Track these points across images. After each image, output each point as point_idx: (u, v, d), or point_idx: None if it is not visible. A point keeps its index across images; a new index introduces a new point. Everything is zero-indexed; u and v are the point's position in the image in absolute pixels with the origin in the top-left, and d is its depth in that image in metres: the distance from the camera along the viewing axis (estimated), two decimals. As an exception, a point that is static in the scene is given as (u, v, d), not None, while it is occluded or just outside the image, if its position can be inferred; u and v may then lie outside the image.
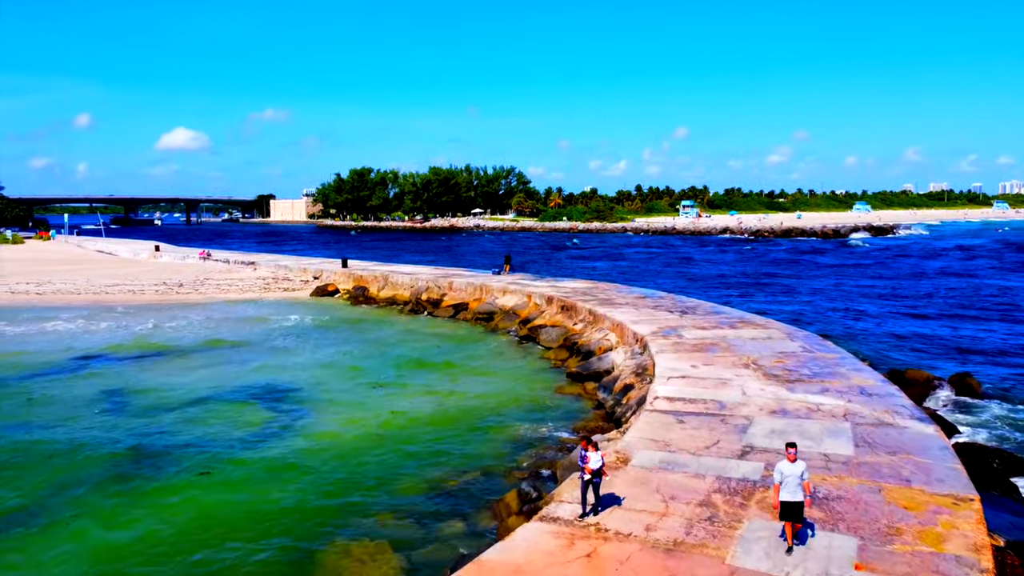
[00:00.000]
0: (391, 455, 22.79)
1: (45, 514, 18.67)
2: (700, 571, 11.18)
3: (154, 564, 16.21)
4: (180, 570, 15.94)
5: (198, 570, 15.92)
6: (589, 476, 12.96)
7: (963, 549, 11.72)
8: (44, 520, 18.32)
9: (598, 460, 12.91)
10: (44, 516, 18.56)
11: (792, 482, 11.59)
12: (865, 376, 23.34)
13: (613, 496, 13.86)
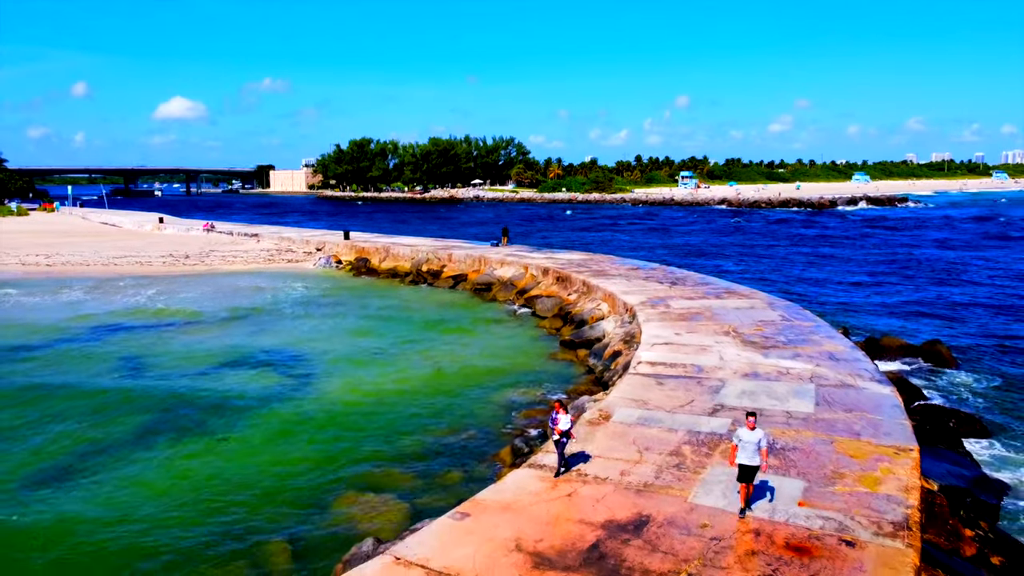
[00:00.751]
0: (395, 416, 24.55)
1: (77, 471, 20.48)
2: (664, 507, 12.97)
3: (180, 512, 17.99)
4: (206, 516, 17.74)
5: (222, 516, 17.71)
6: (558, 436, 14.31)
7: (895, 490, 13.49)
8: (77, 476, 20.12)
9: (567, 422, 14.28)
10: (77, 473, 20.36)
11: (750, 448, 12.45)
12: (836, 343, 25.04)
13: (583, 454, 15.40)
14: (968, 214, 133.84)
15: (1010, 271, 59.66)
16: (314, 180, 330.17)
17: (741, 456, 12.47)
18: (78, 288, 51.02)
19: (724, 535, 11.92)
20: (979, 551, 13.53)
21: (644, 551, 11.48)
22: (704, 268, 58.14)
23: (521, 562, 11.27)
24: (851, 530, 12.03)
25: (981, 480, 17.11)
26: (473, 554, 11.52)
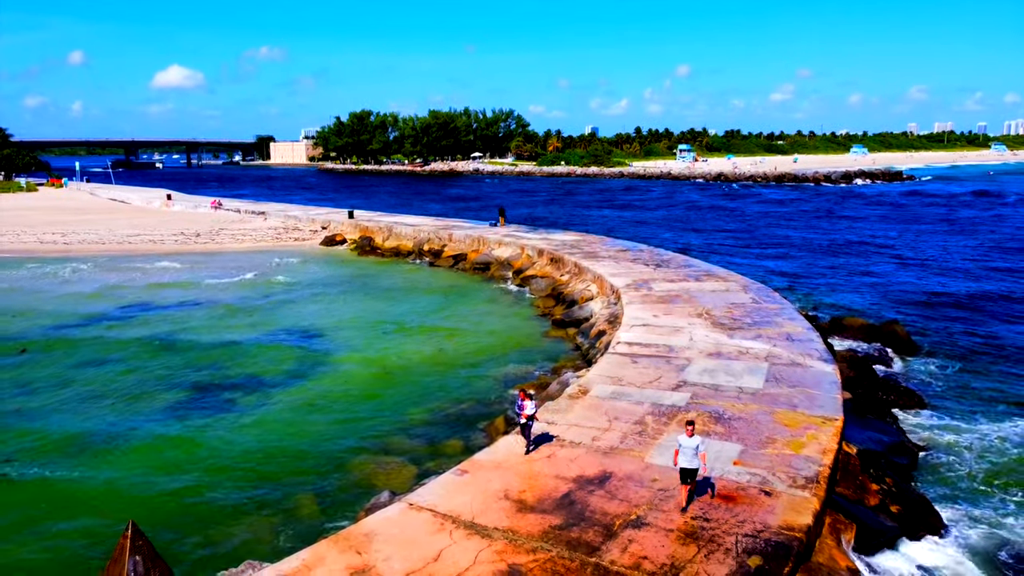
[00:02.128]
0: (402, 390, 27.62)
1: (124, 437, 23.55)
2: (625, 466, 16.04)
3: (221, 471, 21.05)
4: (242, 474, 20.80)
5: (257, 474, 20.77)
6: (524, 420, 16.62)
7: (814, 452, 16.56)
8: (120, 442, 23.19)
9: (532, 407, 16.54)
10: (124, 439, 23.44)
11: (689, 452, 13.69)
12: (795, 324, 28.04)
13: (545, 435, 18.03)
14: (954, 190, 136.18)
15: (970, 253, 62.56)
16: (315, 152, 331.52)
17: (682, 460, 13.79)
18: (97, 267, 53.95)
19: (669, 487, 14.98)
20: (881, 501, 16.61)
21: (605, 499, 14.57)
22: (692, 246, 61.17)
23: (508, 507, 14.35)
24: (771, 483, 15.11)
25: (898, 445, 20.17)
26: (470, 501, 14.61)
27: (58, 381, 28.58)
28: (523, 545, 12.90)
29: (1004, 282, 48.04)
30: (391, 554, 12.62)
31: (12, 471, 20.77)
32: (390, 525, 13.75)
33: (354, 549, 12.85)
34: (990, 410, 25.09)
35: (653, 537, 13.10)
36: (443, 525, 13.66)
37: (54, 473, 20.76)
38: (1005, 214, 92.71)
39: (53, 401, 26.50)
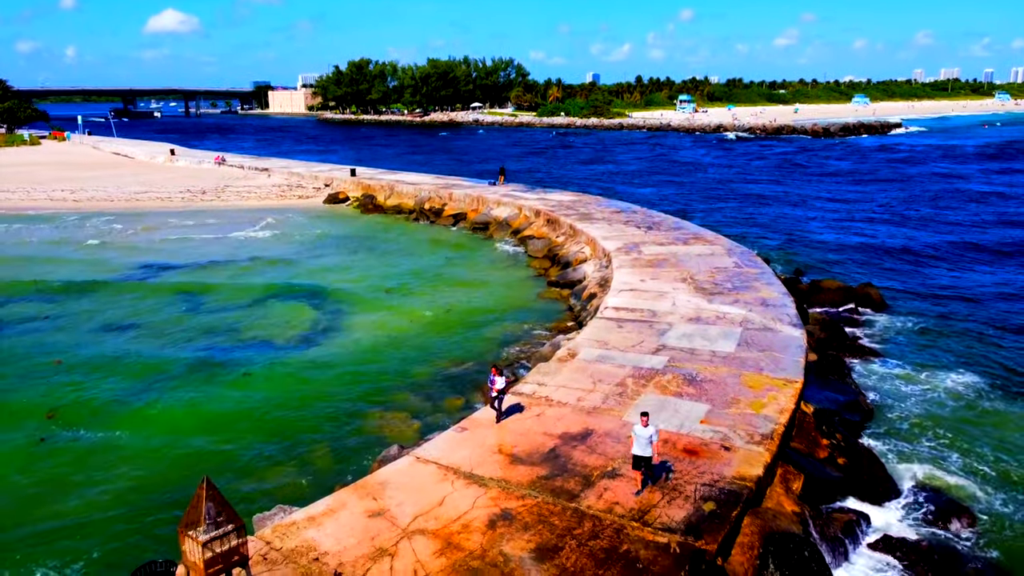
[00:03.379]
0: (406, 349, 29.80)
1: (152, 394, 25.82)
2: (605, 424, 18.27)
3: (242, 425, 23.31)
4: (262, 428, 23.05)
5: (275, 427, 23.03)
6: (496, 394, 18.37)
7: (772, 412, 18.78)
8: (152, 398, 25.47)
9: (502, 383, 18.29)
10: (152, 395, 25.71)
11: (643, 441, 14.65)
12: (772, 289, 30.10)
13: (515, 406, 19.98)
14: (951, 142, 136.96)
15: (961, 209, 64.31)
16: (313, 101, 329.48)
17: (636, 448, 14.79)
18: (110, 224, 55.82)
19: (643, 442, 17.22)
20: (830, 455, 18.88)
21: (586, 453, 16.83)
22: (684, 205, 62.97)
23: (501, 460, 16.62)
24: (731, 439, 17.35)
25: (853, 403, 22.39)
26: (469, 455, 16.87)
27: (88, 340, 30.79)
28: (514, 492, 15.18)
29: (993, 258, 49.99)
30: (402, 500, 14.91)
31: (56, 430, 23.06)
32: (400, 475, 16.04)
33: (371, 495, 15.13)
34: (950, 368, 27.25)
35: (625, 486, 15.36)
36: (446, 475, 15.94)
37: (95, 431, 23.04)
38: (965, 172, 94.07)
39: (85, 359, 28.73)
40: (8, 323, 33.18)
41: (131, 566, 15.94)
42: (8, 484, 19.82)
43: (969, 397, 24.77)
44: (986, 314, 34.05)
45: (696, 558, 13.08)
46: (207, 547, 9.40)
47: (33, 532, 17.49)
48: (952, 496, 18.58)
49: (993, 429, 22.48)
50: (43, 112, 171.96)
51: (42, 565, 16.12)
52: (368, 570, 12.64)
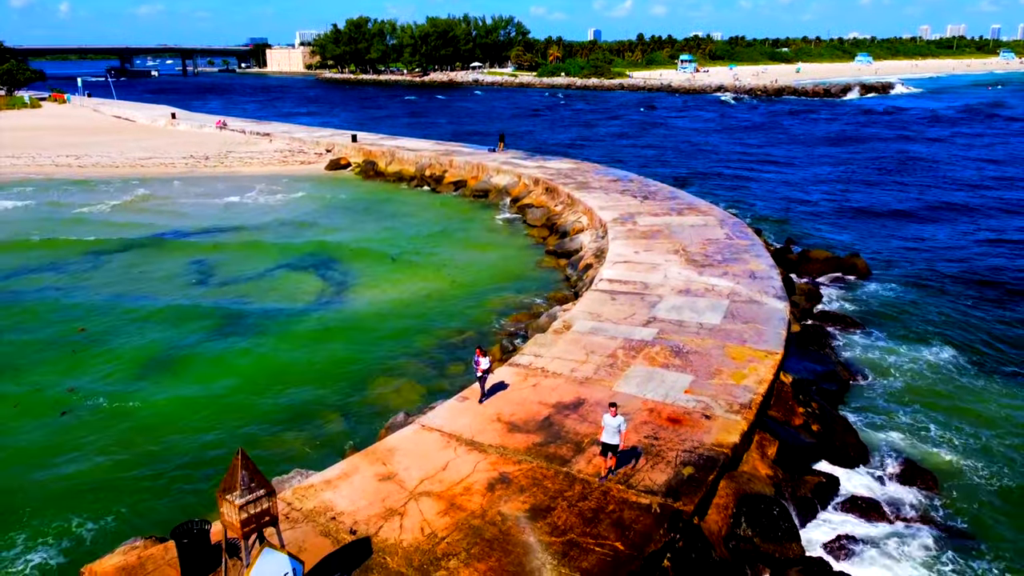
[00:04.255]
0: (410, 318, 31.17)
1: (172, 361, 27.25)
2: (596, 393, 19.69)
3: (257, 390, 24.76)
4: (276, 393, 24.51)
5: (288, 393, 24.48)
6: (481, 374, 19.44)
7: (752, 382, 20.19)
8: (172, 364, 26.91)
9: (486, 363, 19.36)
10: (172, 362, 27.14)
11: (611, 429, 15.28)
12: (760, 262, 31.35)
13: (500, 384, 21.47)
14: (948, 104, 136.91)
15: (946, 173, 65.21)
16: (312, 60, 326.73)
17: (604, 435, 15.42)
18: (116, 190, 56.83)
19: (630, 412, 18.65)
20: (805, 422, 20.34)
21: (578, 421, 18.27)
22: (681, 173, 63.90)
23: (500, 428, 18.06)
24: (712, 409, 18.79)
25: (830, 373, 23.80)
26: (470, 423, 18.31)
27: (105, 308, 32.15)
28: (511, 458, 16.65)
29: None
30: (409, 464, 16.38)
31: (86, 392, 24.50)
32: (407, 442, 17.50)
33: (380, 461, 16.60)
34: (928, 339, 28.63)
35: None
36: (449, 442, 17.40)
37: (121, 396, 24.49)
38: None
39: (107, 326, 30.12)
40: (28, 289, 34.48)
41: (154, 520, 17.53)
42: (34, 442, 21.32)
43: (945, 369, 26.16)
44: (969, 285, 35.30)
45: (674, 518, 14.57)
46: (243, 509, 10.82)
47: (62, 489, 18.94)
48: (918, 461, 20.05)
49: (965, 400, 23.91)
50: (40, 71, 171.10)
51: (72, 520, 17.57)
52: (380, 528, 14.12)
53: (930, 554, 16.34)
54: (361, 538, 13.77)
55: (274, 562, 11.14)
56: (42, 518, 17.74)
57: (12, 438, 21.74)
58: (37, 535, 17.12)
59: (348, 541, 13.71)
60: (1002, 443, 21.15)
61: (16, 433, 22.05)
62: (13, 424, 22.55)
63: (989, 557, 16.43)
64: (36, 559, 16.28)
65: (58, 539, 16.99)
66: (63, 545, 16.79)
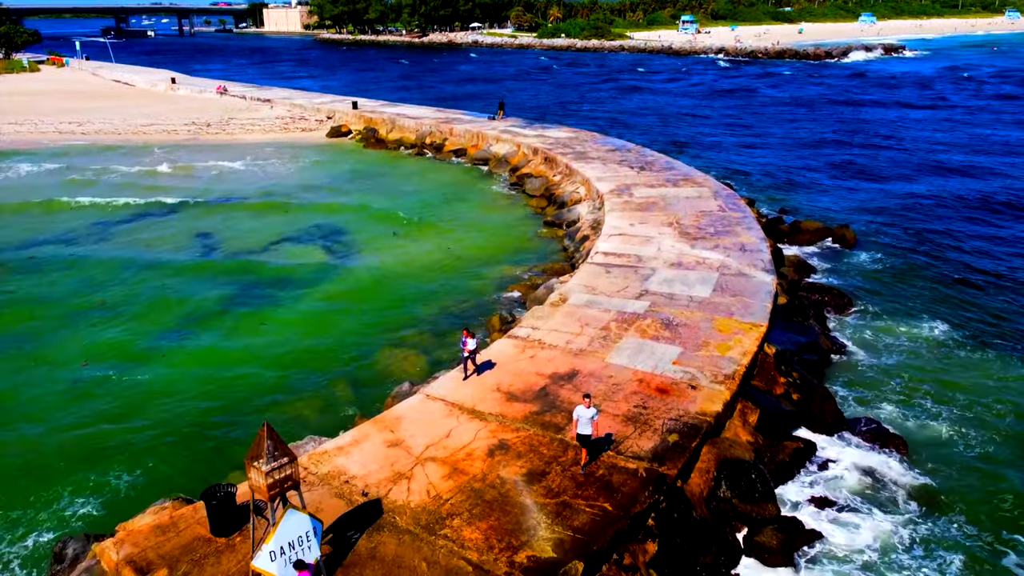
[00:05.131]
0: (412, 290, 32.34)
1: (187, 331, 28.50)
2: (589, 365, 20.95)
3: (269, 359, 26.02)
4: (286, 363, 25.77)
5: (298, 362, 25.75)
6: (467, 354, 20.31)
7: (736, 354, 21.43)
8: (187, 335, 28.16)
9: (473, 344, 20.23)
10: (187, 333, 28.39)
11: (584, 421, 15.64)
12: (751, 234, 32.42)
13: (489, 363, 22.83)
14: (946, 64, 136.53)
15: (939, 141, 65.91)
16: (310, 20, 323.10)
17: (579, 427, 15.81)
18: (121, 159, 57.65)
19: (621, 382, 19.94)
20: (785, 391, 21.62)
21: (571, 391, 19.55)
22: (678, 141, 64.61)
23: (499, 397, 19.35)
24: (698, 379, 20.06)
25: (813, 344, 25.04)
26: (471, 393, 19.60)
27: (117, 279, 33.34)
28: (510, 426, 17.96)
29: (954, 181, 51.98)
30: (415, 432, 17.69)
31: (100, 364, 25.79)
32: (412, 411, 18.80)
33: (388, 428, 17.92)
34: (912, 311, 29.85)
35: (604, 420, 18.09)
36: (452, 411, 18.71)
37: (134, 369, 25.78)
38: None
39: (120, 298, 31.33)
40: (45, 260, 35.63)
41: (173, 483, 18.88)
42: (56, 409, 22.66)
43: (926, 340, 27.37)
44: (956, 258, 36.39)
45: (659, 481, 15.91)
46: (268, 475, 12.08)
47: (84, 453, 20.30)
48: (891, 427, 21.38)
49: (943, 370, 25.16)
50: (36, 31, 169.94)
51: (93, 482, 18.96)
52: (390, 491, 15.47)
53: (896, 513, 17.72)
54: (372, 500, 15.12)
55: (297, 521, 12.45)
56: (80, 474, 19.15)
57: (39, 398, 23.10)
58: (78, 489, 18.55)
59: (361, 502, 15.05)
60: (974, 409, 22.48)
61: (40, 393, 23.40)
62: (31, 383, 23.89)
63: (952, 514, 17.81)
64: (81, 511, 17.75)
65: (96, 494, 18.41)
66: (100, 499, 18.22)
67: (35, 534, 17.10)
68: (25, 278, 33.63)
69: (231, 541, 14.03)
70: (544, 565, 13.47)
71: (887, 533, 17.06)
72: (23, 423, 22.02)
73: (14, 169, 54.98)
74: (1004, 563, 16.29)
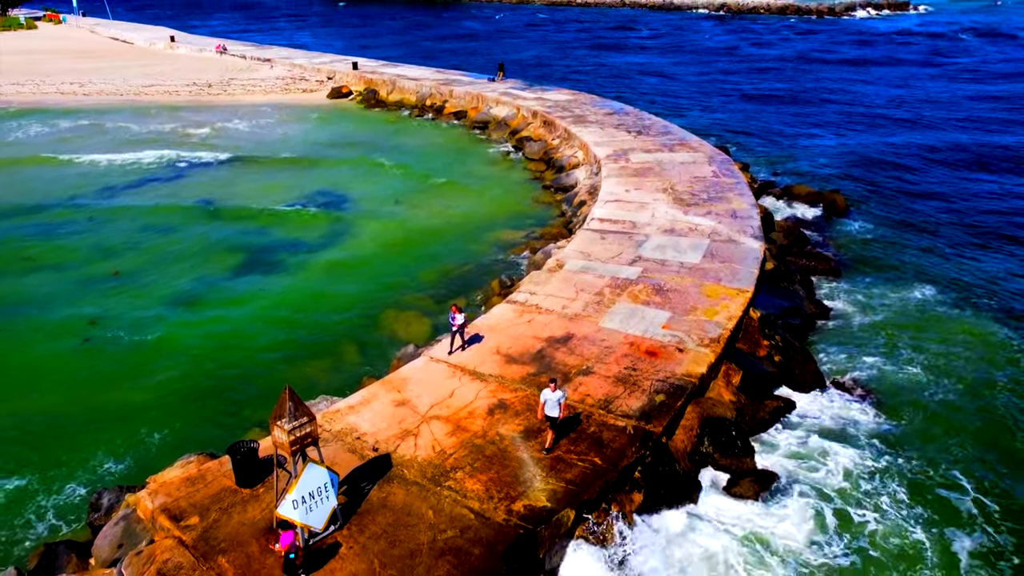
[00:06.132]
0: (414, 253, 33.50)
1: (198, 296, 29.75)
2: (583, 329, 22.24)
3: (278, 322, 27.31)
4: (295, 324, 27.05)
5: (306, 325, 27.04)
6: (456, 329, 21.27)
7: (722, 319, 22.70)
8: (199, 299, 29.42)
9: (461, 319, 21.13)
10: (198, 297, 29.64)
11: (551, 404, 16.23)
12: (743, 201, 33.47)
13: (477, 336, 24.41)
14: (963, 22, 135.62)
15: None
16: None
17: (546, 409, 16.42)
18: (126, 121, 58.34)
19: (613, 345, 21.24)
20: (768, 353, 22.94)
21: (566, 353, 20.87)
22: (677, 103, 65.14)
23: (499, 359, 20.67)
24: (685, 342, 21.36)
25: (797, 308, 26.30)
26: (472, 355, 20.92)
27: (131, 244, 34.51)
28: (508, 386, 19.31)
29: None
30: (421, 392, 19.05)
31: (111, 325, 27.10)
32: (418, 372, 20.15)
33: (395, 389, 19.27)
34: (896, 277, 30.96)
35: (595, 381, 19.47)
36: (455, 372, 20.05)
37: (148, 329, 27.09)
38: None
39: (135, 266, 32.53)
40: (60, 223, 36.76)
41: (194, 440, 20.21)
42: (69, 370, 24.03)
43: (909, 302, 28.62)
44: (946, 225, 37.45)
45: (645, 437, 17.30)
46: (291, 433, 13.42)
47: (102, 415, 21.66)
48: (868, 386, 22.76)
49: (921, 333, 26.42)
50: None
51: (111, 441, 20.35)
52: (398, 446, 16.87)
53: (861, 456, 19.15)
54: (382, 454, 16.52)
55: (316, 474, 13.84)
56: (106, 433, 20.57)
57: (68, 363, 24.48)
58: (105, 448, 19.99)
59: (371, 457, 16.46)
60: (944, 362, 23.89)
61: (57, 352, 24.77)
62: (46, 348, 25.25)
63: (917, 460, 19.29)
64: (108, 467, 19.25)
65: (122, 451, 19.86)
66: (127, 456, 19.68)
67: (70, 487, 18.56)
68: (45, 241, 34.83)
69: (255, 492, 15.45)
70: (539, 513, 14.90)
71: (850, 474, 18.59)
72: (44, 386, 23.38)
73: (24, 129, 55.78)
74: (957, 505, 17.79)
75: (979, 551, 16.57)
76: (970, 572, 16.07)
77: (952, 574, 16.02)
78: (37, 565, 15.45)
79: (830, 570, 15.95)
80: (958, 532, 17.07)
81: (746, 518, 17.07)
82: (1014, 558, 16.45)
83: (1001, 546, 16.75)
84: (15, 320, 27.50)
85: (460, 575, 13.45)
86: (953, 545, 16.69)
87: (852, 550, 16.45)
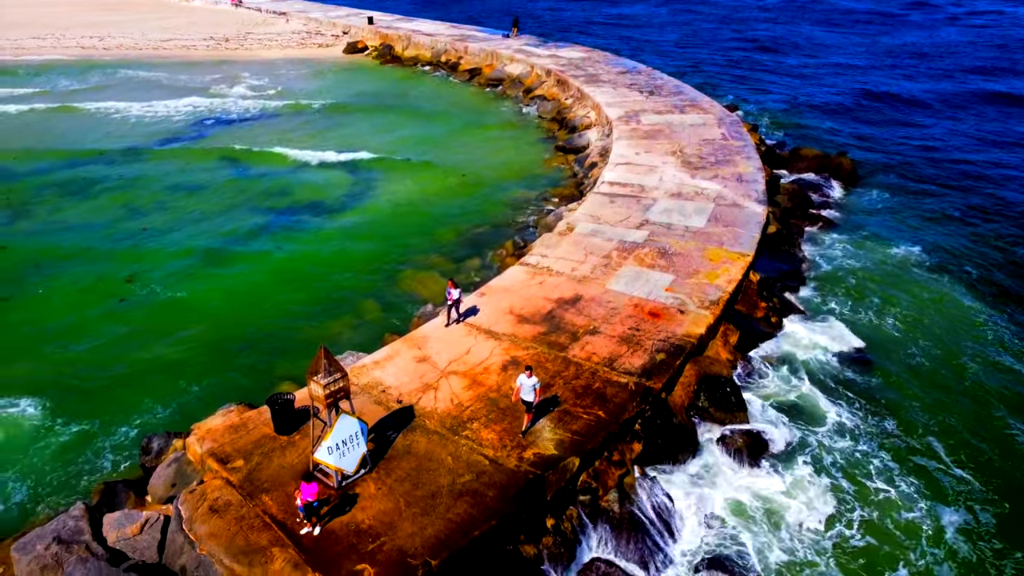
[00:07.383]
0: (431, 215, 34.85)
1: (220, 256, 31.30)
2: (591, 291, 23.69)
3: (300, 281, 28.82)
4: (318, 283, 28.59)
5: (329, 283, 28.58)
6: (451, 303, 22.36)
7: (723, 282, 24.08)
8: (224, 257, 30.99)
9: (456, 294, 22.22)
10: (221, 257, 31.20)
11: (527, 388, 16.86)
12: (749, 164, 34.51)
13: (473, 309, 25.87)
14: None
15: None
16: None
17: (522, 394, 17.02)
18: (147, 76, 59.44)
19: (619, 307, 22.71)
20: (765, 314, 24.37)
21: (574, 314, 22.37)
22: (691, 60, 65.32)
23: (512, 319, 22.21)
24: (686, 304, 22.80)
25: (794, 271, 27.63)
26: (487, 315, 22.46)
27: (158, 204, 36.05)
28: (520, 344, 20.87)
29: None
30: (440, 349, 20.66)
31: (145, 282, 28.78)
32: (437, 330, 21.73)
33: (416, 346, 20.88)
34: (898, 240, 32.13)
35: (601, 341, 20.99)
36: (471, 331, 21.62)
37: (177, 286, 28.74)
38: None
39: (161, 223, 34.11)
40: (95, 180, 38.31)
41: (230, 392, 21.90)
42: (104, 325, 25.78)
43: (906, 268, 29.85)
44: (952, 190, 38.37)
45: (646, 393, 18.87)
46: (326, 387, 15.06)
47: (145, 367, 23.42)
48: (857, 344, 24.21)
49: (914, 299, 27.74)
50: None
51: (155, 392, 22.11)
52: (419, 399, 18.53)
53: (848, 406, 20.72)
54: (406, 406, 18.20)
55: (348, 424, 15.51)
56: (156, 383, 22.36)
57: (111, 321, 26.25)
58: (156, 396, 21.79)
59: (396, 408, 18.14)
60: (932, 327, 25.24)
61: (96, 315, 26.53)
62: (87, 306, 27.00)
63: (894, 407, 20.86)
64: (160, 415, 21.05)
65: (170, 400, 21.66)
66: (171, 405, 21.49)
67: (123, 430, 20.40)
68: (77, 200, 36.43)
69: (292, 439, 17.18)
70: (547, 460, 16.56)
71: (828, 420, 20.18)
72: (89, 338, 25.16)
73: (53, 82, 57.14)
74: (921, 462, 19.38)
75: (951, 492, 18.20)
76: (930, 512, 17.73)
77: (910, 505, 17.69)
78: (99, 500, 17.31)
79: (809, 504, 17.65)
80: (919, 457, 18.69)
81: (735, 468, 18.74)
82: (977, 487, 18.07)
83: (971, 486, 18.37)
84: (58, 274, 29.23)
85: (476, 514, 15.17)
86: (921, 474, 18.33)
87: (829, 488, 18.15)
